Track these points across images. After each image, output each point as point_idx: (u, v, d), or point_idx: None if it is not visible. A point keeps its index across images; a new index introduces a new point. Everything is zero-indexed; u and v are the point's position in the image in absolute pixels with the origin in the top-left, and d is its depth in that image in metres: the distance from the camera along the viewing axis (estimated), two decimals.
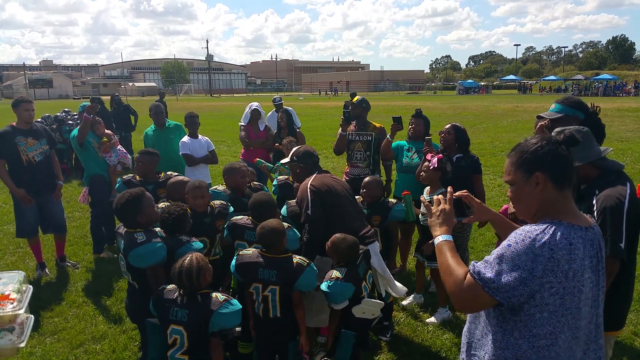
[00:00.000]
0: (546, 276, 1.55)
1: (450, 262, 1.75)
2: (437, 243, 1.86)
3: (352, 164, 5.43)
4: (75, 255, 6.03)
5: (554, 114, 3.02)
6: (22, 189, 5.08)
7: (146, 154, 4.71)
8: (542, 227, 1.60)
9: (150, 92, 77.28)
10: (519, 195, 1.73)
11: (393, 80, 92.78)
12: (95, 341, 4.03)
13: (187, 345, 2.58)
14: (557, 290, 1.56)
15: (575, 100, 3.07)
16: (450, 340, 3.94)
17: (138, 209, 2.99)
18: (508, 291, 1.57)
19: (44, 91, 68.26)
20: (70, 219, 7.61)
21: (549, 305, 1.58)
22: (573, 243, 1.57)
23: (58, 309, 4.60)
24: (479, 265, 1.65)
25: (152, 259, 2.88)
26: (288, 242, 3.16)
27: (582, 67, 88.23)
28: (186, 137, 5.94)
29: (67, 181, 10.04)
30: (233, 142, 15.43)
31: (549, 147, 1.67)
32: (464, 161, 4.36)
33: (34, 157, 5.15)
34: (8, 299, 2.40)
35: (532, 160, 1.68)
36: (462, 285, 1.65)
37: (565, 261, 1.55)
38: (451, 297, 1.72)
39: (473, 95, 58.19)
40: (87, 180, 5.79)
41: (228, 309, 2.55)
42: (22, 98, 5.21)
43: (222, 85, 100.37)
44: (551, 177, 1.66)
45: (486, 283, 1.60)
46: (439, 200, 1.97)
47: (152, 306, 2.73)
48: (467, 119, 22.84)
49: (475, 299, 1.63)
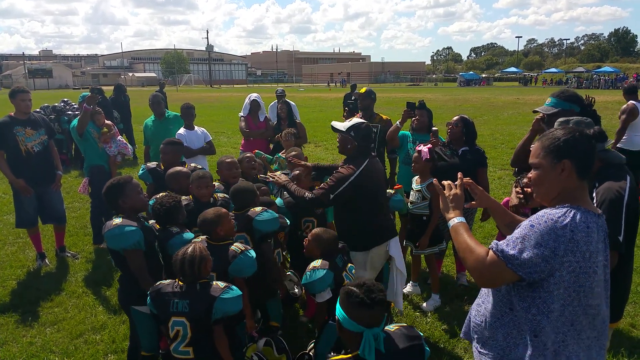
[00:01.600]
0: (567, 256, 1.66)
1: (469, 241, 1.86)
2: (453, 225, 1.96)
3: None
4: (75, 245, 6.03)
5: (550, 108, 3.05)
6: (21, 179, 5.08)
7: (170, 143, 4.59)
8: (562, 210, 1.71)
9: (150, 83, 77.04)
10: (542, 178, 1.82)
11: (394, 72, 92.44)
12: (95, 331, 4.05)
13: (191, 335, 2.57)
14: (574, 269, 1.67)
15: (570, 93, 3.10)
16: (449, 331, 3.95)
17: (121, 194, 3.00)
18: (531, 267, 1.67)
19: (44, 81, 68.02)
20: (70, 210, 7.61)
21: (565, 282, 1.69)
22: (590, 227, 1.69)
23: (58, 299, 4.61)
24: (501, 244, 1.75)
25: (124, 242, 2.86)
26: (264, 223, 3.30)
27: (584, 59, 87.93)
28: (182, 129, 5.92)
29: (67, 172, 10.03)
30: (233, 133, 15.41)
31: (581, 138, 1.77)
32: (470, 154, 4.36)
33: (32, 147, 5.14)
34: None
35: (563, 148, 1.76)
36: (485, 262, 1.75)
37: (584, 243, 1.67)
38: (473, 273, 1.82)
39: (474, 87, 57.99)
40: (87, 170, 5.79)
41: (229, 294, 2.58)
42: (19, 88, 5.18)
43: (222, 76, 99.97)
44: (577, 167, 1.76)
45: (509, 260, 1.70)
46: (450, 185, 2.09)
47: (149, 302, 2.71)
48: (468, 111, 22.77)
49: (499, 274, 1.73)
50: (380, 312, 2.01)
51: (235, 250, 2.98)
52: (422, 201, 4.19)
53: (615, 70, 57.17)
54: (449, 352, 3.70)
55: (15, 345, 3.85)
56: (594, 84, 50.19)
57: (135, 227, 2.91)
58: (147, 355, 3.10)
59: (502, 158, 10.91)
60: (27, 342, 3.89)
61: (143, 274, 2.92)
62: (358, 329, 1.97)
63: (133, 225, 2.91)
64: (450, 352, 3.70)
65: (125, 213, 3.01)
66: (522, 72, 72.96)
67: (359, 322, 1.96)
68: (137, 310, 3.02)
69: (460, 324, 3.96)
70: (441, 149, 4.41)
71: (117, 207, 3.03)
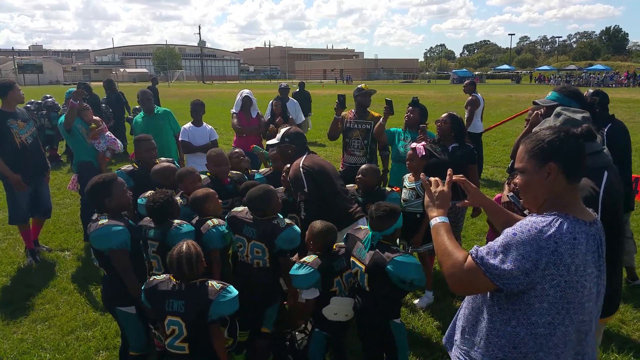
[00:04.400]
0: (549, 269, 1.55)
1: (448, 244, 1.75)
2: (434, 224, 1.87)
3: (349, 151, 5.39)
4: (66, 242, 5.99)
5: (549, 101, 3.07)
6: (18, 174, 5.05)
7: (143, 140, 4.48)
8: (548, 219, 1.60)
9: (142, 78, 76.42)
10: (528, 183, 1.72)
11: (387, 69, 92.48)
12: (86, 328, 4.02)
13: (186, 334, 2.56)
14: (559, 283, 1.56)
15: (572, 90, 3.10)
16: (440, 327, 3.97)
17: (107, 193, 2.94)
18: (509, 279, 1.58)
19: (34, 77, 67.34)
20: (61, 206, 7.56)
21: (549, 297, 1.58)
22: (577, 238, 1.57)
23: (49, 295, 4.58)
24: (482, 250, 1.65)
25: (110, 242, 2.81)
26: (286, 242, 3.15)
27: (576, 57, 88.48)
28: (188, 124, 5.93)
29: (57, 168, 9.96)
30: (226, 129, 15.34)
31: (566, 139, 1.66)
32: (460, 151, 4.37)
33: (26, 139, 5.16)
34: None
35: (547, 149, 1.66)
36: (462, 267, 1.66)
37: (569, 255, 1.55)
38: (448, 278, 1.71)
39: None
40: (76, 167, 5.73)
41: (226, 297, 2.53)
42: (10, 81, 5.22)
43: (215, 71, 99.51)
44: (564, 169, 1.64)
45: (488, 269, 1.60)
46: (437, 182, 1.98)
47: (144, 298, 2.67)
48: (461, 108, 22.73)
49: (475, 282, 1.64)
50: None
51: (209, 224, 3.21)
52: (415, 199, 4.20)
53: (606, 69, 57.58)
54: (442, 349, 3.71)
55: (6, 342, 3.82)
56: (584, 81, 50.49)
57: (122, 227, 2.86)
58: (137, 355, 3.07)
59: (495, 155, 10.96)
60: (18, 338, 3.86)
61: (129, 274, 2.88)
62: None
63: (120, 225, 2.86)
64: (442, 349, 3.71)
65: (110, 212, 2.95)
66: (515, 70, 73.25)
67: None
68: (122, 310, 2.97)
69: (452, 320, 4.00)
70: (431, 146, 4.41)
71: (102, 207, 2.96)
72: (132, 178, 4.21)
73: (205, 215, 3.32)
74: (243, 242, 3.22)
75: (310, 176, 3.52)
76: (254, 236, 3.16)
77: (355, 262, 2.93)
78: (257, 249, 3.18)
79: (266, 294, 3.27)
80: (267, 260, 3.18)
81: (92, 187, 2.96)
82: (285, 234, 3.13)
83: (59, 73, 79.06)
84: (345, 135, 5.39)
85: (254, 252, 3.19)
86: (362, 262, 2.84)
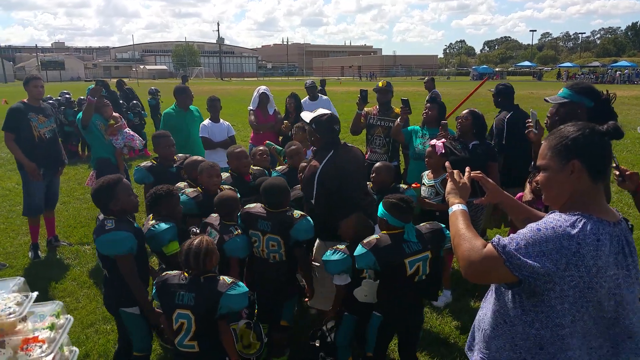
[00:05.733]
0: (569, 270, 1.51)
1: (467, 230, 1.72)
2: (454, 210, 1.84)
3: (371, 149, 5.36)
4: (86, 236, 6.08)
5: (559, 98, 3.03)
6: (34, 163, 5.19)
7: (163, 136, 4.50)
8: (573, 218, 1.56)
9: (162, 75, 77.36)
10: (551, 181, 1.67)
11: (406, 66, 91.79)
12: (105, 321, 4.07)
13: (195, 329, 2.55)
14: (578, 284, 1.53)
15: (584, 86, 3.02)
16: (459, 327, 3.93)
17: (112, 196, 2.90)
18: (529, 273, 1.54)
19: (56, 73, 68.69)
20: (81, 201, 7.68)
21: (569, 297, 1.55)
22: (601, 239, 1.53)
23: (69, 289, 4.65)
24: (504, 240, 1.61)
25: (117, 248, 2.81)
26: (301, 232, 3.16)
27: (599, 54, 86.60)
28: (207, 121, 5.95)
29: (74, 164, 10.11)
30: (244, 126, 15.39)
31: (591, 136, 1.61)
32: (480, 148, 4.30)
33: (44, 133, 5.28)
34: (37, 342, 1.94)
35: (571, 147, 1.61)
36: (480, 253, 1.61)
37: (591, 257, 1.51)
38: (463, 262, 1.66)
39: (487, 82, 57.23)
40: (94, 163, 5.80)
41: (236, 291, 2.55)
42: (32, 75, 5.36)
43: (233, 69, 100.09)
44: (588, 167, 1.60)
45: (510, 258, 1.55)
46: (459, 174, 1.99)
47: (155, 293, 2.68)
48: (480, 105, 22.47)
49: (492, 271, 1.59)
50: (410, 213, 2.92)
51: (233, 232, 3.17)
52: (435, 197, 4.14)
53: (632, 65, 56.18)
54: (460, 348, 3.67)
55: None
56: (608, 78, 49.39)
57: (128, 233, 2.84)
58: (140, 355, 3.06)
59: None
60: None
61: (133, 278, 2.87)
62: (399, 224, 2.87)
63: (127, 231, 2.84)
64: (460, 348, 3.67)
65: (115, 215, 2.92)
66: (536, 66, 72.06)
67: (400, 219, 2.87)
68: (126, 312, 2.95)
69: (471, 319, 3.93)
70: (451, 143, 4.35)
71: (107, 210, 2.94)
72: (151, 174, 4.27)
73: (229, 220, 3.29)
74: (258, 237, 3.23)
75: (323, 188, 3.28)
76: (268, 229, 3.17)
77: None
78: (272, 242, 3.18)
79: (284, 287, 3.27)
80: (283, 254, 3.19)
81: (97, 190, 2.93)
82: (300, 225, 3.14)
83: (80, 70, 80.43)
84: (368, 132, 5.36)
85: (269, 246, 3.19)
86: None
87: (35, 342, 1.90)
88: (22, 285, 2.19)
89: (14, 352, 1.82)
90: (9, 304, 1.94)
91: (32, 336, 1.92)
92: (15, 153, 5.19)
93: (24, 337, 1.90)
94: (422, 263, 2.86)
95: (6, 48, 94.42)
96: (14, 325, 1.92)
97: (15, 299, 2.00)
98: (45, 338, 1.94)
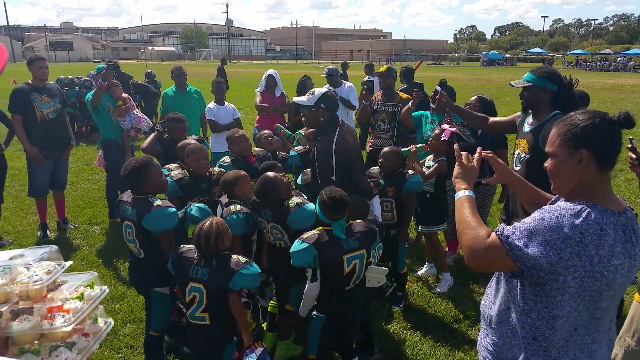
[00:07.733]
0: (572, 260, 1.51)
1: (471, 217, 1.71)
2: (460, 196, 1.83)
3: (376, 134, 5.35)
4: (94, 217, 6.14)
5: (524, 82, 3.06)
6: (35, 147, 5.20)
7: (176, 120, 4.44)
8: (577, 208, 1.55)
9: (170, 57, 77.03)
10: (558, 169, 1.66)
11: (415, 50, 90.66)
12: (114, 301, 4.13)
13: (207, 302, 2.61)
14: (580, 274, 1.53)
15: (548, 70, 3.06)
16: (462, 312, 3.95)
17: (145, 177, 2.92)
18: (532, 263, 1.54)
19: (64, 54, 68.61)
20: (90, 182, 7.75)
21: (570, 288, 1.55)
22: (604, 229, 1.52)
23: (78, 268, 4.70)
24: (508, 229, 1.61)
25: (167, 224, 2.87)
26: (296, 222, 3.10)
27: (612, 41, 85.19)
28: (212, 103, 5.98)
29: (78, 144, 10.13)
30: (251, 109, 15.34)
31: (601, 125, 1.59)
32: (489, 135, 4.28)
33: (47, 114, 5.25)
34: (61, 311, 1.87)
35: (580, 136, 1.59)
36: (484, 242, 1.61)
37: (594, 247, 1.50)
38: (466, 250, 1.66)
39: (497, 68, 56.68)
40: (102, 144, 5.86)
41: (249, 270, 2.61)
42: (36, 56, 5.31)
43: (241, 51, 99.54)
44: (596, 157, 1.58)
45: (512, 248, 1.56)
46: (467, 156, 1.95)
47: (170, 264, 2.75)
48: (490, 91, 22.32)
49: (496, 259, 1.60)
50: (341, 212, 2.82)
51: (231, 209, 3.13)
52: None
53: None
54: (462, 334, 3.70)
55: None
56: (619, 66, 48.60)
57: (174, 209, 2.91)
58: (157, 335, 3.13)
59: None
60: None
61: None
62: (327, 221, 2.83)
63: (173, 207, 2.90)
64: (463, 334, 3.70)
65: (147, 195, 2.95)
66: (547, 53, 71.06)
67: (326, 217, 2.83)
68: (158, 292, 3.01)
69: (475, 306, 3.97)
70: (460, 129, 4.33)
71: (139, 191, 2.96)
72: (160, 144, 4.39)
73: (235, 198, 3.27)
74: (265, 224, 3.27)
75: (340, 164, 3.34)
76: (270, 219, 3.20)
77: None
78: (275, 231, 3.22)
79: (289, 273, 3.30)
80: (287, 241, 3.20)
81: (130, 171, 2.93)
82: (294, 214, 3.07)
83: (88, 50, 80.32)
84: (373, 118, 5.34)
85: (273, 234, 3.24)
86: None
87: (60, 311, 1.86)
88: (55, 253, 2.15)
89: (41, 319, 1.82)
90: (38, 272, 1.92)
91: (58, 305, 1.88)
92: (20, 137, 5.19)
93: (51, 305, 1.87)
94: (359, 262, 2.81)
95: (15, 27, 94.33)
96: (40, 292, 1.90)
97: (47, 267, 1.98)
98: (71, 308, 1.90)
